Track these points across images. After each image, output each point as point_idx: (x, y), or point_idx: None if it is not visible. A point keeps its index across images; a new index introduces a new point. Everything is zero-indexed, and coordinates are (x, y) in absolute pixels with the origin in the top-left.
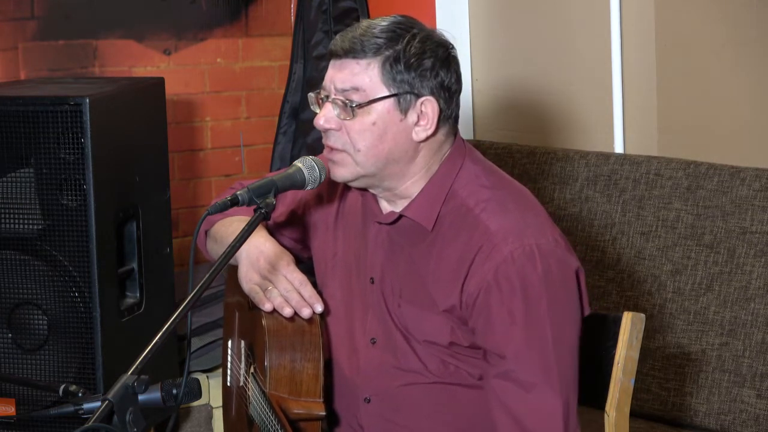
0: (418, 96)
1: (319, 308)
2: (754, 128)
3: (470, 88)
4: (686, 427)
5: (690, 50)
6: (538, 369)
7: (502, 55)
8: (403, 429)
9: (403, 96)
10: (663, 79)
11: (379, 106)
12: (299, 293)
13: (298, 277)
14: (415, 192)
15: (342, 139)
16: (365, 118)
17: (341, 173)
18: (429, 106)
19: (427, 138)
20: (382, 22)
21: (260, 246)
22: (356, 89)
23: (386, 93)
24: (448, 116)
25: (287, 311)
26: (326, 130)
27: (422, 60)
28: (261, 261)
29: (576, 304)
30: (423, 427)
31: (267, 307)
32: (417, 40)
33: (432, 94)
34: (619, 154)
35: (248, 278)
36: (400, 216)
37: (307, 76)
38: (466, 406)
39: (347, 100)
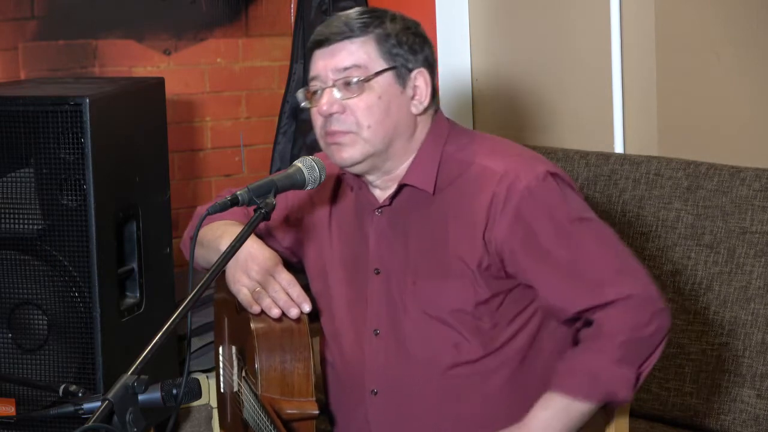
0: (410, 70)
1: (306, 308)
2: (754, 128)
3: (470, 88)
4: (686, 427)
5: (690, 50)
6: (592, 274)
7: (502, 55)
8: (411, 420)
9: (400, 69)
10: (663, 79)
11: (381, 79)
12: (287, 293)
13: (286, 277)
14: None
15: (348, 121)
16: (370, 94)
17: (350, 153)
18: (421, 79)
19: (424, 111)
20: (353, 11)
21: (248, 248)
22: (357, 66)
23: (385, 66)
24: (433, 89)
25: (275, 312)
26: (330, 116)
27: (408, 35)
28: (249, 263)
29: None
30: (431, 418)
31: (255, 309)
32: (396, 19)
33: (423, 66)
34: (619, 154)
35: (236, 280)
36: (400, 188)
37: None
38: (475, 396)
39: (348, 78)
